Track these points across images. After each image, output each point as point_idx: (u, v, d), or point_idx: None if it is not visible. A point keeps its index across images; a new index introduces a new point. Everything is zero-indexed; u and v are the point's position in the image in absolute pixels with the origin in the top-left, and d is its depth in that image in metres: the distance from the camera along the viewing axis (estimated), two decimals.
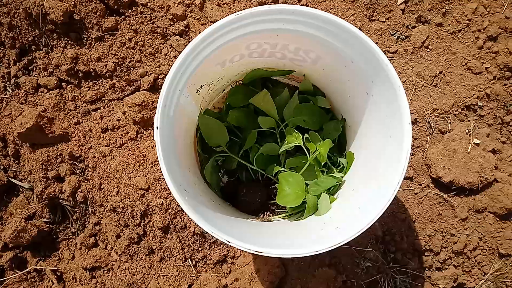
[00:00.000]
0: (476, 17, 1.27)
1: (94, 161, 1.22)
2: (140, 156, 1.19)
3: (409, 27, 1.27)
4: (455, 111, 1.26)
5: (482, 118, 1.26)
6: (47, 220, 1.25)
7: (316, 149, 0.98)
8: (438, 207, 1.22)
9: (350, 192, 0.95)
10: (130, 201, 1.17)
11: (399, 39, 1.27)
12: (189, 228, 1.18)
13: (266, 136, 1.14)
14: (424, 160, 1.23)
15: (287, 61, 1.02)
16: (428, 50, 1.27)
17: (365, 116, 0.93)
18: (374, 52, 0.76)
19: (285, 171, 1.03)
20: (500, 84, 1.26)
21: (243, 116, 1.10)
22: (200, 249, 1.19)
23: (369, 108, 0.89)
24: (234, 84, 1.15)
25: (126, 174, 1.18)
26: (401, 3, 1.27)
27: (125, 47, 1.23)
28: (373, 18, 1.27)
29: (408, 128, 0.76)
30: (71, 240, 1.29)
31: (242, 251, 1.17)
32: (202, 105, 1.09)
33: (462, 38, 1.28)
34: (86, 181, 1.22)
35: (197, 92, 0.96)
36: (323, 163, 1.04)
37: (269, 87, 1.16)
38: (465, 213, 1.21)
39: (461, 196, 1.22)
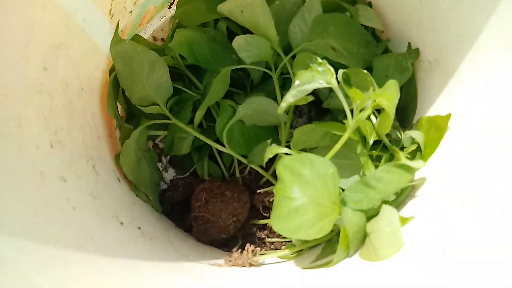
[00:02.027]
0: None
1: None
2: None
3: None
4: None
5: None
6: None
7: (370, 100, 0.41)
8: None
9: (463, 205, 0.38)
10: None
11: None
12: None
13: (252, 89, 0.57)
14: None
15: None
16: None
17: (501, 10, 0.36)
18: None
19: (291, 155, 0.45)
20: None
21: (204, 42, 0.53)
22: None
23: None
24: None
25: None
26: None
27: None
28: None
29: None
30: None
31: None
32: (120, 17, 0.52)
33: None
34: None
35: None
36: (372, 141, 0.47)
37: None
38: None
39: None
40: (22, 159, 0.31)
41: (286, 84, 0.54)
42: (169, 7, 0.62)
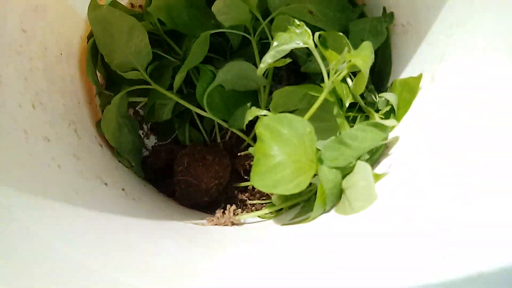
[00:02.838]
0: None
1: None
2: None
3: None
4: None
5: None
6: None
7: (345, 61, 0.42)
8: None
9: (431, 157, 0.40)
10: None
11: None
12: None
13: (232, 54, 0.58)
14: None
15: None
16: None
17: None
18: None
19: (271, 116, 0.47)
20: None
21: (183, 6, 0.53)
22: None
23: None
24: None
25: None
26: None
27: None
28: None
29: None
30: None
31: None
32: None
33: None
34: None
35: None
36: (348, 103, 0.49)
37: None
38: None
39: None
40: (4, 116, 0.31)
41: (265, 49, 0.55)
42: None
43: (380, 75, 0.55)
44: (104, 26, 0.51)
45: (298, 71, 0.57)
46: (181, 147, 0.59)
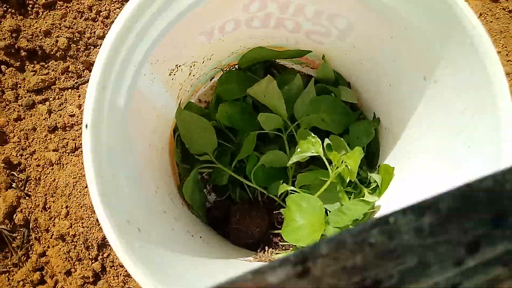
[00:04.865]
0: None
1: (37, 170, 0.91)
2: None
3: None
4: None
5: None
6: None
7: (342, 161, 0.67)
8: None
9: None
10: (84, 227, 0.87)
11: None
12: None
13: (269, 142, 0.84)
14: None
15: (302, 35, 0.72)
16: None
17: (419, 112, 0.62)
18: (455, 8, 0.46)
19: (296, 192, 0.72)
20: None
21: (238, 113, 0.80)
22: None
23: (426, 100, 0.59)
24: (227, 69, 0.85)
25: (79, 190, 0.87)
26: None
27: (83, 17, 0.92)
28: None
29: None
30: (12, 274, 0.98)
31: None
32: (181, 96, 0.79)
33: None
34: (27, 198, 0.91)
35: (170, 74, 0.65)
36: (347, 181, 0.73)
37: (274, 74, 0.86)
38: None
39: None
40: (150, 202, 0.58)
41: (292, 139, 0.81)
42: (210, 80, 0.88)
43: (372, 158, 0.80)
44: (186, 125, 0.78)
45: None
46: (233, 203, 0.85)
